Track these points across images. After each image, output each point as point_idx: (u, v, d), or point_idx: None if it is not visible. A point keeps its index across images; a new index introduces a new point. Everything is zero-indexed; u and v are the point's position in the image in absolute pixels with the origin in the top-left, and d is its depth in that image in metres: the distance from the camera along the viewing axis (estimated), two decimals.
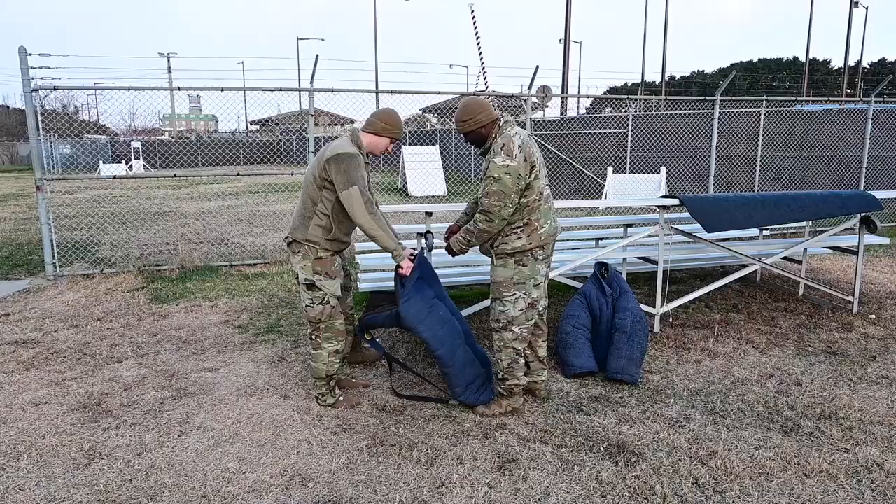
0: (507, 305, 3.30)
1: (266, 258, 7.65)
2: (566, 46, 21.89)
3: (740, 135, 12.86)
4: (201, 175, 8.16)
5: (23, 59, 6.36)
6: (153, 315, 5.39)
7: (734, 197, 4.62)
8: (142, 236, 9.61)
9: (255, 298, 5.91)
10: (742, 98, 12.27)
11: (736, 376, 3.96)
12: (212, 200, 15.69)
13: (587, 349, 3.98)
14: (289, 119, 41.40)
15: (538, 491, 2.70)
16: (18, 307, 5.68)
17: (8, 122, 41.99)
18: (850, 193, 4.90)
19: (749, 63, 53.69)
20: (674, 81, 52.70)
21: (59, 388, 3.82)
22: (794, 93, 44.33)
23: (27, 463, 2.95)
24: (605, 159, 14.70)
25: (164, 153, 34.54)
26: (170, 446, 3.11)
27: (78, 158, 30.77)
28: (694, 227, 5.60)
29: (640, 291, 6.05)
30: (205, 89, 7.34)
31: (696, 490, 2.70)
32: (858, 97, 26.15)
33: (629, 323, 3.95)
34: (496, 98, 21.22)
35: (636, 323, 3.96)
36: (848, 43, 31.73)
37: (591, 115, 19.14)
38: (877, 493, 2.66)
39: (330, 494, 2.68)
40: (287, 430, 3.25)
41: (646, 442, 3.11)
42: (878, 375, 3.98)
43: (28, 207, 14.10)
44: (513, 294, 3.28)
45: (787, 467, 2.87)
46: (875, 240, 5.71)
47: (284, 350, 4.47)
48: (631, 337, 3.90)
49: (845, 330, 4.88)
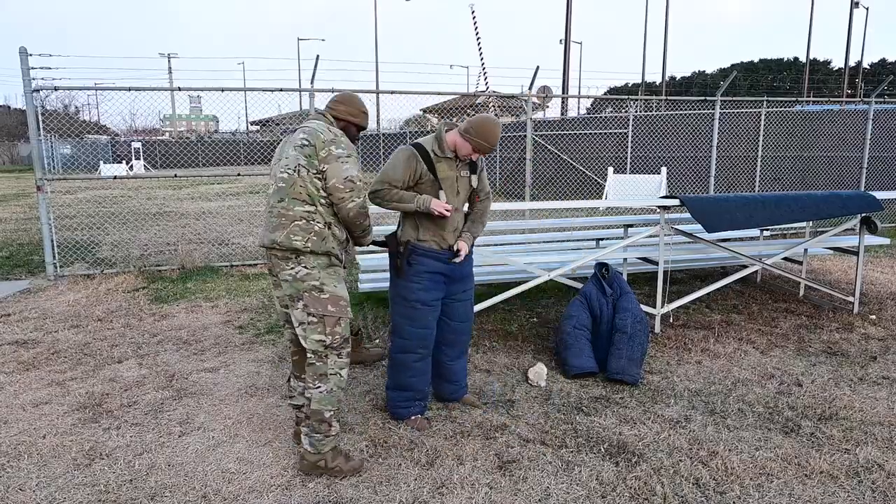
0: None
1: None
2: (566, 47, 21.91)
3: (741, 135, 12.86)
4: (202, 175, 8.17)
5: (23, 59, 6.36)
6: (154, 315, 5.39)
7: (735, 197, 4.62)
8: (142, 236, 9.61)
9: (255, 299, 5.91)
10: (742, 98, 12.27)
11: (736, 377, 3.96)
12: (212, 201, 15.69)
13: (587, 349, 3.98)
14: (289, 119, 41.39)
15: (538, 491, 2.70)
16: (19, 307, 5.68)
17: (8, 123, 42.04)
18: (851, 194, 4.90)
19: (749, 63, 53.69)
20: (674, 82, 52.70)
21: (59, 388, 3.82)
22: (794, 93, 44.31)
23: (28, 463, 2.95)
24: (606, 160, 14.70)
25: (165, 153, 34.53)
26: (170, 446, 3.11)
27: (78, 159, 30.77)
28: (694, 228, 5.60)
29: (641, 292, 6.05)
30: (205, 90, 7.35)
31: (696, 490, 2.70)
32: (859, 98, 26.15)
33: (629, 323, 3.95)
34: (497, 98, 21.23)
35: (637, 323, 3.96)
36: (848, 43, 31.72)
37: (591, 116, 19.15)
38: (877, 494, 2.66)
39: (330, 495, 2.68)
40: (287, 431, 3.25)
41: (646, 442, 3.11)
42: (878, 376, 3.98)
43: (28, 208, 14.10)
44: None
45: (788, 468, 2.87)
46: (875, 240, 5.71)
47: (285, 350, 4.47)
48: (631, 337, 3.90)
49: (846, 330, 4.88)
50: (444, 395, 3.52)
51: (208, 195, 17.33)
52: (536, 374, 3.87)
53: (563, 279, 4.81)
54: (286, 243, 2.75)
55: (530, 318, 5.20)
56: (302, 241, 2.74)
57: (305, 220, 2.76)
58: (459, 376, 3.50)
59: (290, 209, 2.77)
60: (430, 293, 3.18)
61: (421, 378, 3.30)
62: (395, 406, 3.34)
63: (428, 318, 3.21)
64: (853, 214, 5.04)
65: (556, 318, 5.17)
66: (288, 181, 2.79)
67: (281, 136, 40.60)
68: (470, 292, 3.39)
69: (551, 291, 5.98)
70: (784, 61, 53.53)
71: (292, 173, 2.79)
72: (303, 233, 2.75)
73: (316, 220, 2.78)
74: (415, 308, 3.17)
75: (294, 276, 2.78)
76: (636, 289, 6.15)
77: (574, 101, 33.67)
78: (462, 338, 3.42)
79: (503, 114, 25.95)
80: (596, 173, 14.36)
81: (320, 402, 2.80)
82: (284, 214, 2.77)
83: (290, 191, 2.78)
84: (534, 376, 3.86)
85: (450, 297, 3.30)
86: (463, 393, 3.56)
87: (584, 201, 4.79)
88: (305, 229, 2.75)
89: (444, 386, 3.50)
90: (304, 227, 2.75)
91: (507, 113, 25.35)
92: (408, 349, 3.24)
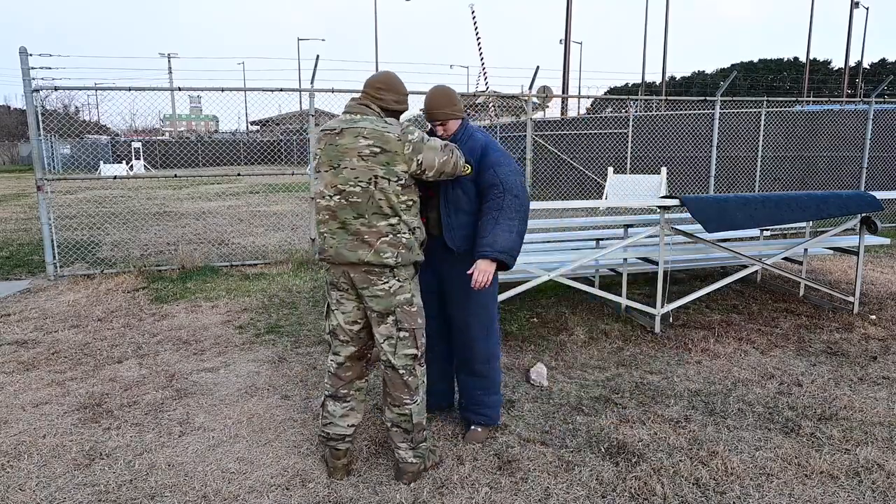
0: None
1: (266, 258, 7.65)
2: (567, 47, 21.92)
3: (741, 135, 12.87)
4: (202, 175, 8.17)
5: (23, 59, 6.36)
6: (154, 315, 5.39)
7: (735, 197, 4.62)
8: (142, 236, 9.61)
9: (255, 299, 5.91)
10: (742, 98, 12.28)
11: (736, 377, 3.96)
12: (212, 201, 15.69)
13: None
14: (289, 119, 41.44)
15: (539, 491, 2.70)
16: (19, 307, 5.68)
17: (8, 123, 42.07)
18: (851, 194, 4.89)
19: (749, 63, 53.74)
20: (674, 82, 52.75)
21: (59, 388, 3.82)
22: (794, 93, 44.32)
23: (28, 463, 2.95)
24: (606, 160, 14.71)
25: (165, 153, 34.52)
26: (170, 447, 3.11)
27: (78, 159, 30.77)
28: (694, 228, 5.60)
29: (641, 292, 6.05)
30: (205, 90, 7.35)
31: (696, 491, 2.70)
32: (859, 98, 26.15)
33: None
34: (497, 98, 21.21)
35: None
36: (848, 43, 31.74)
37: (591, 116, 19.15)
38: (877, 494, 2.66)
39: (330, 495, 2.68)
40: (287, 431, 3.25)
41: (646, 442, 3.11)
42: (878, 376, 3.98)
43: (29, 207, 14.10)
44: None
45: (788, 468, 2.87)
46: (875, 240, 5.71)
47: (285, 350, 4.47)
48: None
49: (846, 330, 4.88)
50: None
51: (208, 195, 17.33)
52: (537, 373, 3.87)
53: (563, 279, 4.80)
54: (376, 261, 2.58)
55: (530, 318, 5.20)
56: (393, 256, 2.59)
57: (392, 235, 2.59)
58: (460, 388, 3.31)
59: (372, 225, 2.57)
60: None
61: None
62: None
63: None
64: (853, 214, 5.04)
65: (556, 318, 5.17)
66: (363, 195, 2.56)
67: (281, 136, 40.77)
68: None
69: (551, 291, 5.98)
70: (784, 61, 53.58)
71: (367, 186, 2.56)
72: (392, 248, 2.59)
73: (402, 232, 2.61)
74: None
75: (388, 290, 2.62)
76: (636, 289, 6.15)
77: (574, 101, 33.68)
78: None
79: (503, 114, 25.94)
80: (596, 173, 14.36)
81: (420, 414, 2.74)
82: (367, 232, 2.58)
83: (367, 206, 2.57)
84: (535, 376, 3.86)
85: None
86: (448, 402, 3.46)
87: (584, 201, 4.79)
88: (393, 244, 2.59)
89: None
90: (391, 242, 2.59)
91: (507, 113, 25.33)
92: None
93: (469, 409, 3.19)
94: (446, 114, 2.95)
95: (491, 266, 2.79)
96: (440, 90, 2.97)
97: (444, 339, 3.23)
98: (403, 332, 2.67)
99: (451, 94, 2.98)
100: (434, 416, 3.39)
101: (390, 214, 2.58)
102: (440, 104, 2.95)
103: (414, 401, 2.72)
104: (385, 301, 2.64)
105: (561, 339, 4.68)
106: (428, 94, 2.98)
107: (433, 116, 2.97)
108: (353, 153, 2.59)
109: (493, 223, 2.79)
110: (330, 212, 2.64)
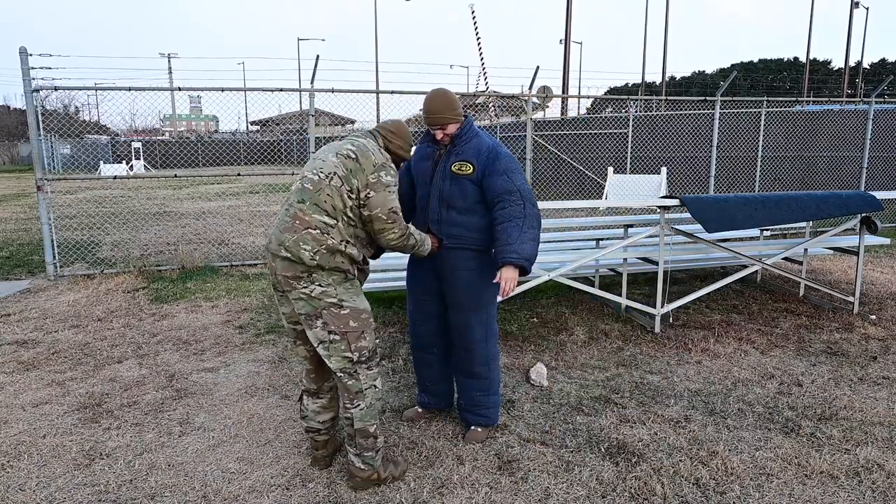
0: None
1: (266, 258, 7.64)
2: (566, 47, 21.92)
3: (741, 135, 12.87)
4: (202, 175, 8.17)
5: (24, 59, 6.36)
6: (154, 315, 5.39)
7: (735, 197, 4.62)
8: (142, 236, 9.61)
9: (255, 299, 5.91)
10: (742, 98, 12.28)
11: (736, 377, 3.96)
12: (212, 201, 15.70)
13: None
14: (289, 119, 41.48)
15: (539, 491, 2.70)
16: (19, 307, 5.68)
17: (8, 123, 42.08)
18: (851, 194, 4.90)
19: (749, 63, 53.74)
20: (674, 82, 52.75)
21: (59, 388, 3.83)
22: (794, 93, 44.33)
23: (28, 463, 2.95)
24: (606, 160, 14.71)
25: (165, 153, 34.54)
26: (170, 446, 3.11)
27: (78, 158, 30.79)
28: (694, 228, 5.61)
29: (641, 292, 6.05)
30: (205, 89, 7.35)
31: (696, 491, 2.70)
32: (859, 98, 26.15)
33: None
34: (497, 98, 21.19)
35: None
36: (848, 43, 31.74)
37: (591, 116, 19.16)
38: (877, 494, 2.66)
39: (330, 495, 2.68)
40: (288, 431, 3.25)
41: (646, 442, 3.11)
42: (878, 376, 3.98)
43: (29, 207, 14.10)
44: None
45: (788, 468, 2.87)
46: (875, 240, 5.71)
47: (285, 350, 4.47)
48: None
49: (846, 330, 4.88)
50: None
51: (208, 195, 17.33)
52: (537, 373, 3.87)
53: (563, 279, 4.81)
54: (293, 249, 2.52)
55: (530, 318, 5.20)
56: (310, 252, 2.52)
57: (320, 231, 2.54)
58: (459, 389, 3.29)
59: (308, 214, 2.56)
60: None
61: (423, 372, 3.33)
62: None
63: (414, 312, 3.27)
64: (853, 214, 5.04)
65: (556, 318, 5.17)
66: (316, 185, 2.58)
67: (281, 136, 40.76)
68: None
69: (551, 291, 5.98)
70: (784, 61, 53.58)
71: (323, 178, 2.58)
72: (314, 243, 2.53)
73: (331, 235, 2.55)
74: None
75: (308, 294, 2.56)
76: (637, 288, 6.15)
77: (574, 101, 33.69)
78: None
79: (503, 114, 25.94)
80: (596, 173, 14.36)
81: (363, 420, 2.66)
82: (300, 217, 2.56)
83: (314, 195, 2.57)
84: (535, 376, 3.86)
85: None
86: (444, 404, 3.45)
87: (584, 201, 4.79)
88: (317, 240, 2.53)
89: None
90: (316, 238, 2.53)
91: (507, 113, 25.34)
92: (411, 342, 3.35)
93: (468, 409, 3.19)
94: (446, 118, 2.97)
95: (515, 273, 2.80)
96: (439, 94, 2.98)
97: (443, 340, 3.24)
98: (334, 335, 2.60)
99: (450, 98, 2.98)
100: (434, 416, 3.39)
101: (329, 213, 2.56)
102: (439, 108, 2.96)
103: (355, 405, 2.65)
104: (309, 304, 2.58)
105: (561, 339, 4.68)
106: (427, 98, 2.99)
107: (432, 121, 2.98)
108: (334, 150, 2.70)
109: (518, 230, 2.81)
110: (286, 197, 2.73)
